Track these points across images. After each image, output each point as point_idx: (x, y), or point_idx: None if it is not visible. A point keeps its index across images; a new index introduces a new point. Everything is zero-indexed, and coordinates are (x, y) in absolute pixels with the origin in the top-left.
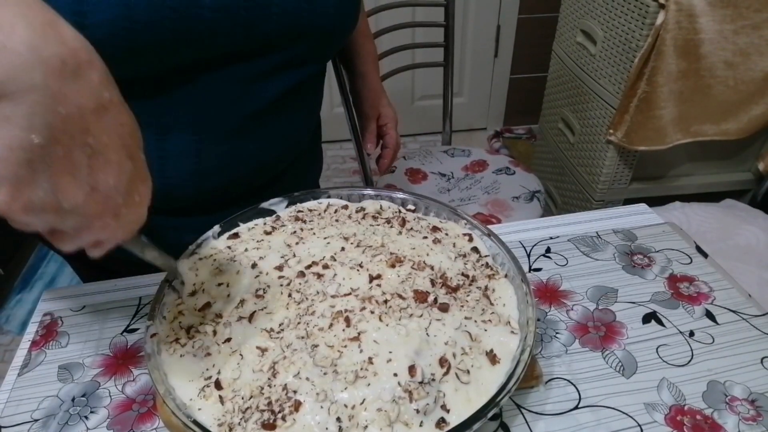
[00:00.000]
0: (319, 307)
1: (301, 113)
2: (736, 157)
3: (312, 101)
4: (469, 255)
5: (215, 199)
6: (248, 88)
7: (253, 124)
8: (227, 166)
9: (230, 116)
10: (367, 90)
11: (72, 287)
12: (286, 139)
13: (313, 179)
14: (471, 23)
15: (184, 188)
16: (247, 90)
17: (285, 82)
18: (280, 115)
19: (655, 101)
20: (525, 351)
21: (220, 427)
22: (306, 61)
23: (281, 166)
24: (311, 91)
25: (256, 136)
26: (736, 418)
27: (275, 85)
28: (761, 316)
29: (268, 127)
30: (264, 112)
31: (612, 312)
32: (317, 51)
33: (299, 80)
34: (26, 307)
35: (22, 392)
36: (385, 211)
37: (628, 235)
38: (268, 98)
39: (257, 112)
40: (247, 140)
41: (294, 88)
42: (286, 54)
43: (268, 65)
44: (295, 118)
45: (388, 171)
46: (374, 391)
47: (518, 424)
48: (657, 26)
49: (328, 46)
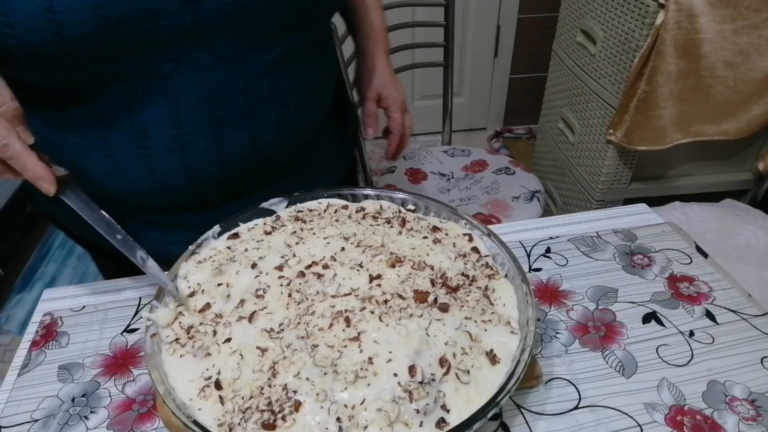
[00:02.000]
0: (319, 307)
1: (297, 95)
2: (736, 157)
3: (310, 78)
4: (469, 255)
5: (234, 188)
6: (219, 74)
7: (234, 113)
8: (217, 157)
9: (206, 106)
10: (364, 69)
11: (72, 287)
12: (283, 125)
13: (337, 169)
14: (471, 23)
15: (176, 182)
16: (218, 76)
17: (260, 62)
18: (269, 100)
19: (655, 101)
20: (525, 351)
21: (220, 427)
22: (285, 31)
23: (290, 154)
24: (304, 64)
25: (244, 126)
26: (736, 418)
27: (250, 67)
28: (761, 316)
29: (256, 116)
30: (246, 99)
31: (612, 312)
32: (297, 17)
33: (280, 56)
34: (26, 307)
35: (22, 392)
36: (385, 211)
37: (628, 235)
38: (241, 84)
39: (235, 99)
40: (233, 130)
41: (274, 67)
42: (255, 27)
43: (239, 44)
44: (287, 103)
45: (397, 157)
46: (374, 391)
47: (518, 424)
48: (657, 26)
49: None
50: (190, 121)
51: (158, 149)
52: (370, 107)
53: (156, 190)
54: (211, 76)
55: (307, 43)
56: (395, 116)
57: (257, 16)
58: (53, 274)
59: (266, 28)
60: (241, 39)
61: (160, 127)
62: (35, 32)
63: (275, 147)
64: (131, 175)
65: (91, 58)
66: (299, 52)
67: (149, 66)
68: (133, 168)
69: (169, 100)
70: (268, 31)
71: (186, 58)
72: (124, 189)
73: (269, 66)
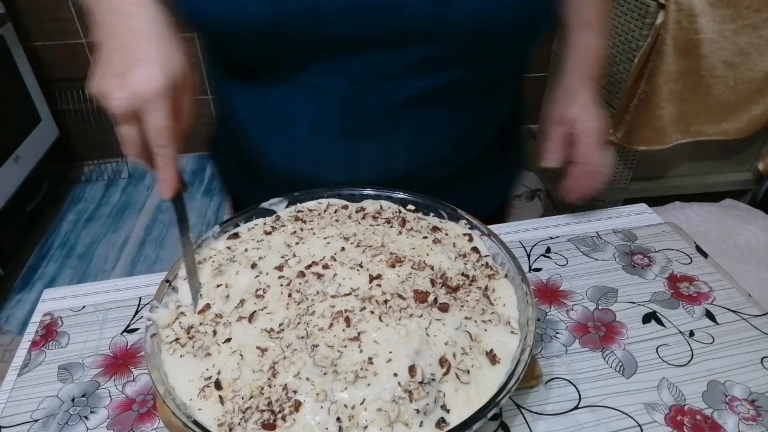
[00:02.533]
0: (319, 307)
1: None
2: (736, 157)
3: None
4: (469, 255)
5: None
6: (367, 86)
7: (369, 127)
8: (345, 162)
9: (346, 111)
10: (559, 88)
11: (72, 287)
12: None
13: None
14: None
15: (306, 173)
16: (366, 88)
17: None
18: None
19: (655, 101)
20: (525, 351)
21: (220, 427)
22: (449, 62)
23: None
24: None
25: (377, 141)
26: (736, 418)
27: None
28: (761, 316)
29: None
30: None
31: (612, 312)
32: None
33: (436, 86)
34: (26, 307)
35: (22, 392)
36: (385, 211)
37: (628, 235)
38: (384, 101)
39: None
40: (366, 142)
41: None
42: (417, 51)
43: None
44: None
45: (580, 199)
46: (374, 391)
47: (518, 424)
48: (657, 26)
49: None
50: (329, 121)
51: (295, 138)
52: (553, 131)
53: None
54: (359, 87)
55: (473, 80)
56: (585, 143)
57: (421, 41)
58: (53, 274)
59: (429, 55)
60: (399, 58)
61: (301, 119)
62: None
63: (407, 169)
64: (272, 152)
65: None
66: (459, 86)
67: (309, 63)
68: (274, 146)
69: (317, 97)
70: (431, 58)
71: (342, 63)
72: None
73: (421, 93)
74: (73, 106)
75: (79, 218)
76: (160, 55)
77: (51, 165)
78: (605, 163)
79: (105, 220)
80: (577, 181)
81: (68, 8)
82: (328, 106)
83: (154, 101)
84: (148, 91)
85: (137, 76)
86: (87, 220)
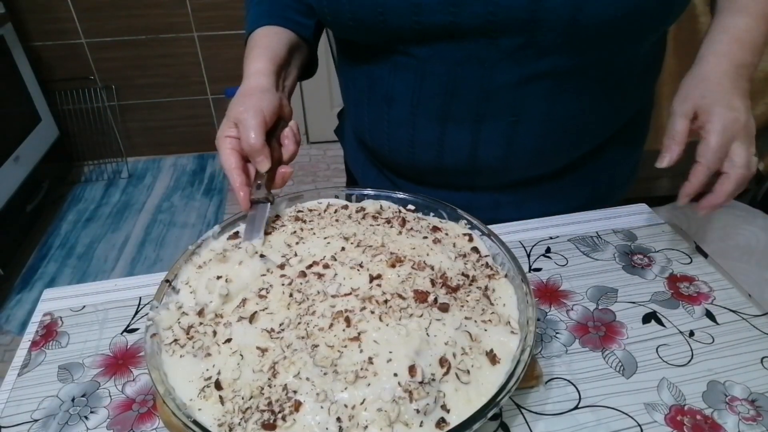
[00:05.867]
0: (319, 307)
1: (537, 119)
2: None
3: (564, 106)
4: (469, 255)
5: (447, 180)
6: (465, 72)
7: (463, 113)
8: (437, 145)
9: (442, 96)
10: (689, 76)
11: (72, 287)
12: (510, 145)
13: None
14: None
15: (401, 155)
16: (463, 74)
17: (510, 74)
18: (501, 114)
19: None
20: (525, 351)
21: (220, 427)
22: (549, 50)
23: (513, 174)
24: (564, 90)
25: (469, 129)
26: (736, 418)
27: (501, 73)
28: (761, 316)
29: (483, 124)
30: (478, 105)
31: (612, 312)
32: (564, 40)
33: (536, 74)
34: (26, 307)
35: (22, 392)
36: (385, 211)
37: (628, 235)
38: (481, 88)
39: (469, 101)
40: (458, 127)
41: (523, 84)
42: (515, 39)
43: (493, 51)
44: (523, 122)
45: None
46: (374, 391)
47: (518, 424)
48: None
49: (576, 39)
50: (426, 104)
51: (395, 119)
52: (677, 125)
53: (389, 156)
54: (457, 72)
55: (575, 69)
56: (709, 140)
57: (516, 30)
58: (53, 274)
59: (527, 42)
60: (496, 47)
61: (402, 100)
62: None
63: (495, 160)
64: (375, 131)
65: (374, 31)
66: (558, 76)
67: (411, 47)
68: (376, 125)
69: (417, 81)
70: (528, 45)
71: (441, 50)
72: (372, 145)
73: (519, 81)
74: (73, 106)
75: (79, 218)
76: (255, 101)
77: (51, 165)
78: (740, 163)
79: (105, 220)
80: (694, 184)
81: (68, 8)
82: (426, 89)
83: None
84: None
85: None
86: (87, 220)
